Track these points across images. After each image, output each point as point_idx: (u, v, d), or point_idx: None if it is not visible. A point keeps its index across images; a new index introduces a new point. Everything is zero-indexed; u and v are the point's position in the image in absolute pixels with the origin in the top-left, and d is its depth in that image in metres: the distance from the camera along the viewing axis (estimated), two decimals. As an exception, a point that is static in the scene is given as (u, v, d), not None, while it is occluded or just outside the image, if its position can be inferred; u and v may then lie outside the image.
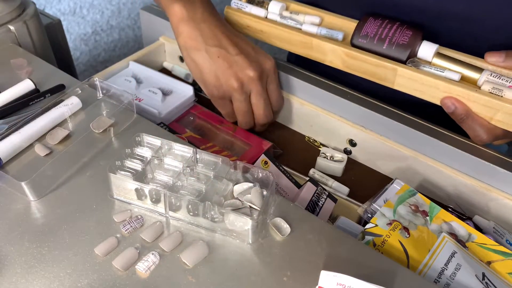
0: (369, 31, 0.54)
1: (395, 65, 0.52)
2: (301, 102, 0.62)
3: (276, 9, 0.61)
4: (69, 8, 1.42)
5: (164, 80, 0.67)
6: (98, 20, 1.51)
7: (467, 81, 0.50)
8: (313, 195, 0.50)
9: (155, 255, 0.39)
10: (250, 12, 0.62)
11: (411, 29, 0.53)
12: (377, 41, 0.53)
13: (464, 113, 0.49)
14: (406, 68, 0.51)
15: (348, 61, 0.55)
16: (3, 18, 0.62)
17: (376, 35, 0.53)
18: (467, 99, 0.49)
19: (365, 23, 0.54)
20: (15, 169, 0.46)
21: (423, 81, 0.50)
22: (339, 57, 0.56)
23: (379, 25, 0.54)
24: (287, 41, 0.59)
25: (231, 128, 0.62)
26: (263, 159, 0.53)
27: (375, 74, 0.54)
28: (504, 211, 0.52)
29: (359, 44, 0.55)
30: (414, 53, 0.53)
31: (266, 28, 0.60)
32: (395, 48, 0.52)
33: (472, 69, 0.50)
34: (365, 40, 0.54)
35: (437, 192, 0.56)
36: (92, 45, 1.53)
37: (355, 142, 0.61)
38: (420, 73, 0.50)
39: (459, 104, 0.49)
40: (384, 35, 0.53)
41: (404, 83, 0.52)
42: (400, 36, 0.52)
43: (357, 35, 0.55)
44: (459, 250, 0.44)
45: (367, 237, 0.44)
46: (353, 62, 0.55)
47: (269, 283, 0.38)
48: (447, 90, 0.49)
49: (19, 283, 0.37)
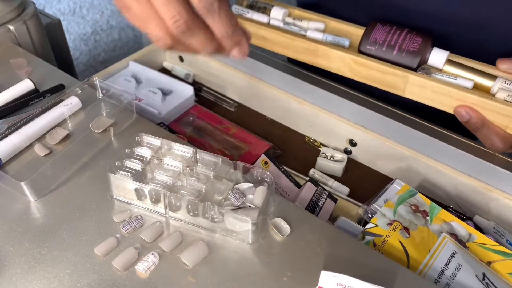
0: (378, 37, 0.52)
1: (406, 73, 0.50)
2: (300, 102, 0.62)
3: (279, 15, 0.59)
4: (69, 8, 1.42)
5: (164, 80, 0.67)
6: (98, 20, 1.51)
7: (480, 89, 0.49)
8: (313, 195, 0.50)
9: (155, 255, 0.39)
10: (252, 18, 0.60)
11: (420, 36, 0.51)
12: (386, 48, 0.52)
13: (480, 122, 0.48)
14: (417, 76, 0.50)
15: (357, 68, 0.54)
16: (3, 18, 0.62)
17: (385, 42, 0.52)
18: (482, 107, 0.47)
19: (373, 29, 0.53)
20: (15, 169, 0.46)
21: (435, 89, 0.49)
22: (347, 65, 0.54)
23: (387, 32, 0.52)
24: (292, 48, 0.58)
25: (230, 129, 0.62)
26: (263, 159, 0.53)
27: (384, 81, 0.52)
28: (504, 211, 0.52)
29: (367, 51, 0.53)
30: (424, 60, 0.52)
31: (269, 34, 0.58)
32: (405, 55, 0.51)
33: (484, 76, 0.49)
34: (373, 47, 0.52)
35: (437, 192, 0.56)
36: (92, 45, 1.53)
37: (355, 142, 0.60)
38: (432, 81, 0.49)
39: (473, 112, 0.48)
40: (393, 41, 0.51)
41: (415, 91, 0.51)
42: (410, 43, 0.51)
43: (365, 42, 0.53)
44: (460, 250, 0.44)
45: (367, 237, 0.44)
46: (362, 70, 0.53)
47: (269, 283, 0.38)
48: (461, 98, 0.48)
49: (19, 283, 0.37)
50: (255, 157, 0.57)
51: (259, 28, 0.59)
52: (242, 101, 0.70)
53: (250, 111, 0.69)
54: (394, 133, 0.57)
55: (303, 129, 0.65)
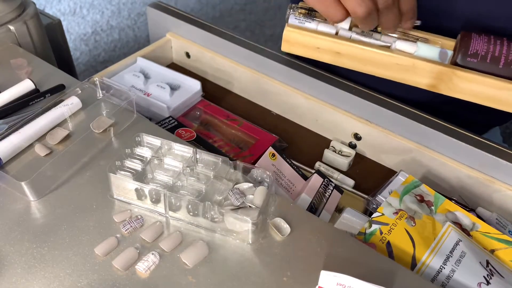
0: (478, 48, 0.47)
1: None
2: (306, 96, 0.63)
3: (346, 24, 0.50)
4: (69, 8, 1.42)
5: (172, 75, 0.68)
6: (98, 20, 1.51)
7: None
8: (320, 187, 0.51)
9: (155, 255, 0.39)
10: (317, 29, 0.51)
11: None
12: (490, 60, 0.47)
13: None
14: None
15: (460, 85, 0.48)
16: (3, 18, 0.62)
17: (488, 53, 0.47)
18: None
19: (471, 40, 0.48)
20: (15, 169, 0.46)
21: None
22: (448, 81, 0.49)
23: (487, 42, 0.47)
24: (378, 65, 0.50)
25: (237, 123, 0.63)
26: (270, 152, 0.54)
27: (494, 97, 0.48)
28: (507, 202, 0.53)
29: (468, 64, 0.48)
30: None
31: (346, 49, 0.50)
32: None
33: None
34: (475, 59, 0.47)
35: (441, 184, 0.57)
36: (92, 45, 1.53)
37: (360, 136, 0.61)
38: None
39: None
40: (497, 53, 0.47)
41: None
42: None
43: (464, 54, 0.47)
44: (464, 238, 0.45)
45: (374, 225, 0.45)
46: (465, 86, 0.48)
47: (269, 283, 0.38)
48: None
49: (19, 283, 0.37)
50: (262, 150, 0.58)
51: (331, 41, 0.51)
52: (248, 96, 0.70)
53: (256, 106, 0.69)
54: (398, 126, 0.57)
55: (308, 124, 0.66)
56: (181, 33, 0.73)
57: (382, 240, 0.44)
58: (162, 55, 0.74)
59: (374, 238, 0.44)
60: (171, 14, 0.72)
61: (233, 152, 0.58)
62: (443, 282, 0.42)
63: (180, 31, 0.73)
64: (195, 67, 0.74)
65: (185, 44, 0.73)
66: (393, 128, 0.58)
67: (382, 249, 0.43)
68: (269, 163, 0.52)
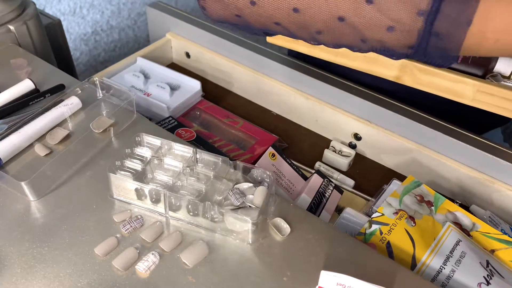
0: None
1: (476, 81, 0.49)
2: (306, 96, 0.63)
3: None
4: (69, 8, 1.42)
5: (172, 75, 0.68)
6: (98, 20, 1.51)
7: None
8: (320, 187, 0.51)
9: (155, 255, 0.39)
10: None
11: None
12: None
13: None
14: (487, 83, 0.48)
15: (420, 77, 0.52)
16: (3, 18, 0.62)
17: None
18: None
19: None
20: (15, 169, 0.46)
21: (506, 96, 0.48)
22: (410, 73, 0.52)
23: None
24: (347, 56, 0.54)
25: (237, 123, 0.63)
26: (270, 152, 0.54)
27: (451, 90, 0.51)
28: (507, 202, 0.53)
29: None
30: (491, 68, 0.50)
31: None
32: (470, 63, 0.50)
33: None
34: None
35: (441, 184, 0.57)
36: (92, 45, 1.53)
37: (360, 136, 0.61)
38: (503, 88, 0.47)
39: None
40: None
41: (484, 99, 0.49)
42: None
43: None
44: (464, 238, 0.45)
45: (374, 225, 0.45)
46: (426, 78, 0.52)
47: (269, 283, 0.38)
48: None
49: (19, 283, 0.37)
50: (262, 149, 0.58)
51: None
52: (248, 96, 0.70)
53: (256, 106, 0.69)
54: (398, 126, 0.58)
55: (308, 124, 0.66)
56: (181, 33, 0.73)
57: (382, 240, 0.44)
58: (162, 55, 0.74)
59: (374, 238, 0.44)
60: (171, 14, 0.73)
61: (233, 152, 0.58)
62: (443, 282, 0.42)
63: (180, 31, 0.73)
64: (195, 67, 0.75)
65: (185, 44, 0.73)
66: (393, 128, 0.58)
67: (382, 249, 0.43)
68: (269, 163, 0.52)
